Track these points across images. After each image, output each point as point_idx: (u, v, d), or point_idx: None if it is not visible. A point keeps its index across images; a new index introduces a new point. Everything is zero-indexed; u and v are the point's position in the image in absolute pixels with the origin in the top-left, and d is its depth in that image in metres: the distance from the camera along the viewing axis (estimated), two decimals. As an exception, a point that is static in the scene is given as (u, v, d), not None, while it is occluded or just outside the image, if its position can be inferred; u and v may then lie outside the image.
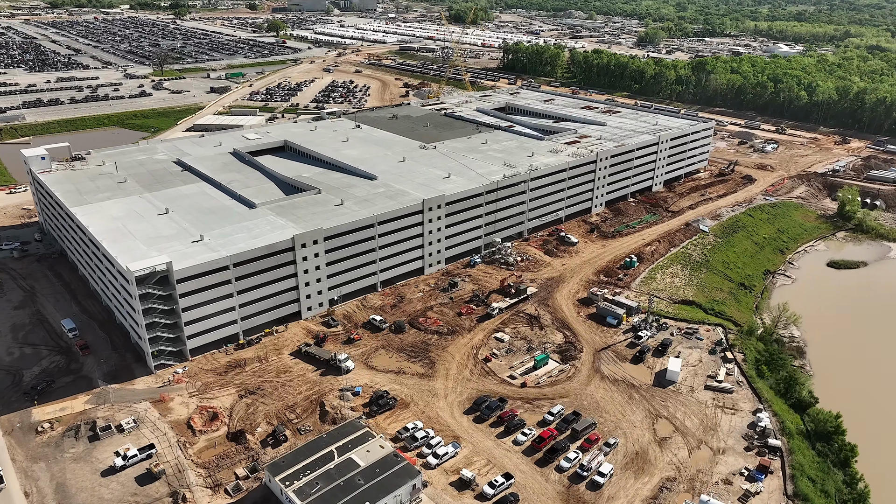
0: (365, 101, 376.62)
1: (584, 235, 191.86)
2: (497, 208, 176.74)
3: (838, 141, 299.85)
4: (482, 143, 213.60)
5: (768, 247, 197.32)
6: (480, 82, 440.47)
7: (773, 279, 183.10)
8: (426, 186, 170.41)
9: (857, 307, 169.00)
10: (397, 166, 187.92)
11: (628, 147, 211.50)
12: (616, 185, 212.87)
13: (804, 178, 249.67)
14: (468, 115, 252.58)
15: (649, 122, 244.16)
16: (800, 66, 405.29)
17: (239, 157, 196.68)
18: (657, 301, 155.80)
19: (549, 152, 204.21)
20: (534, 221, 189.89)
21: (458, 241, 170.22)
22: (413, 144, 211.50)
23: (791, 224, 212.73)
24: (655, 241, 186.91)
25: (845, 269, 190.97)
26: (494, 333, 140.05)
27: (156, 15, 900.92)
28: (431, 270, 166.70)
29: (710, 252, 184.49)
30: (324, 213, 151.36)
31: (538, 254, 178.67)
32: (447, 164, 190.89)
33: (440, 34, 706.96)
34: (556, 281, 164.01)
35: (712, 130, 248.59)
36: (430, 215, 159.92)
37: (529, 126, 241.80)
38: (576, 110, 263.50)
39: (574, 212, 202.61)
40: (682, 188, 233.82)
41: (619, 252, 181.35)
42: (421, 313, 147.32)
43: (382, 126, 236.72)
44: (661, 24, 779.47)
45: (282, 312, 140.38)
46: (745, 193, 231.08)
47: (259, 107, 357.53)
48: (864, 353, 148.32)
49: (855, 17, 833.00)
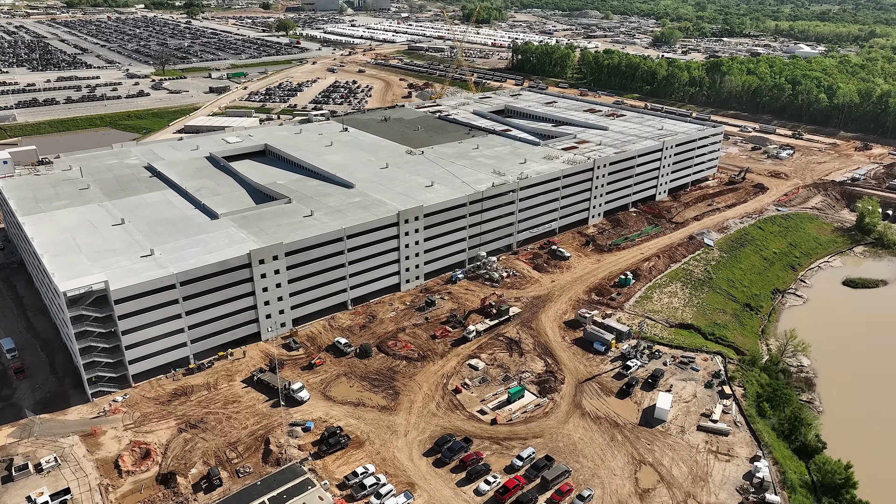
0: (365, 103, 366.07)
1: (578, 249, 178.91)
2: (482, 220, 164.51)
3: (859, 147, 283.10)
4: (473, 149, 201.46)
5: (778, 263, 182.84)
6: (486, 83, 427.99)
7: (783, 299, 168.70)
8: (405, 196, 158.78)
9: (874, 332, 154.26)
10: (379, 173, 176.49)
11: (629, 154, 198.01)
12: (615, 194, 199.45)
13: (821, 186, 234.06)
14: (463, 119, 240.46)
15: (654, 127, 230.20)
16: (820, 67, 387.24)
17: (214, 162, 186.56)
18: (651, 325, 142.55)
19: (544, 159, 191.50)
20: (524, 234, 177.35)
21: (438, 255, 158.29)
22: (400, 149, 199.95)
23: (804, 238, 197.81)
24: (655, 256, 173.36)
25: (862, 288, 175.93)
26: (469, 359, 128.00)
27: (170, 14, 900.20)
28: (409, 287, 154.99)
29: (713, 269, 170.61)
30: (290, 226, 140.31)
31: (527, 269, 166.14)
32: (433, 171, 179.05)
33: (450, 34, 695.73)
34: (542, 300, 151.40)
35: (722, 135, 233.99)
36: (407, 227, 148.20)
37: (527, 130, 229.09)
38: (578, 113, 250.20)
39: (569, 223, 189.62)
40: (688, 197, 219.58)
41: (615, 268, 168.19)
42: (392, 335, 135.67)
43: (371, 129, 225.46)
44: (679, 24, 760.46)
45: (239, 334, 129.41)
46: (755, 203, 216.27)
47: (256, 108, 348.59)
48: (881, 386, 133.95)
49: (881, 17, 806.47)
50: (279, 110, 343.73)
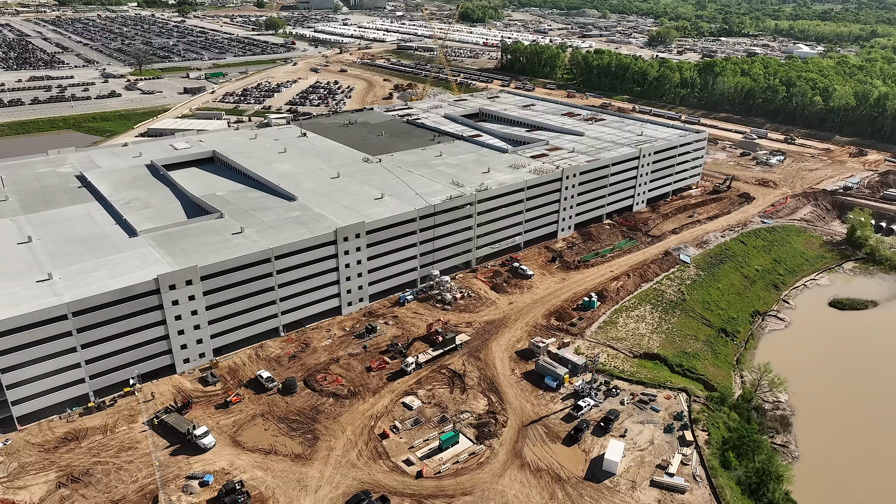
0: (344, 104, 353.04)
1: (542, 266, 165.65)
2: (435, 236, 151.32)
3: (854, 153, 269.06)
4: (436, 156, 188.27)
5: (760, 281, 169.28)
6: (472, 84, 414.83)
7: (763, 323, 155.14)
8: (350, 210, 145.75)
9: (860, 361, 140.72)
10: (328, 184, 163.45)
11: (602, 162, 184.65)
12: (587, 205, 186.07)
13: (811, 196, 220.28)
14: (432, 123, 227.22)
15: (634, 133, 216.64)
16: (817, 68, 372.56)
17: (154, 171, 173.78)
18: (612, 355, 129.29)
19: (509, 168, 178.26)
20: (484, 250, 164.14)
21: (385, 275, 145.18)
22: (357, 157, 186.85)
23: (790, 253, 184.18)
24: (625, 275, 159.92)
25: (850, 309, 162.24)
26: (405, 396, 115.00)
27: (161, 12, 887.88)
28: (351, 310, 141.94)
29: (688, 289, 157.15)
30: (214, 245, 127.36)
31: (484, 289, 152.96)
32: (387, 181, 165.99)
33: (442, 33, 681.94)
34: (496, 325, 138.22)
35: (705, 141, 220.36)
36: (347, 246, 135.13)
37: (498, 135, 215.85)
38: (555, 117, 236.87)
39: (535, 237, 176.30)
40: (667, 208, 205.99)
41: (580, 288, 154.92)
42: (323, 366, 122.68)
43: (333, 134, 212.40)
44: (676, 24, 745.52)
45: (149, 366, 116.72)
46: (739, 215, 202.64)
47: (229, 109, 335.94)
48: (865, 426, 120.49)
49: (883, 17, 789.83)
50: (252, 112, 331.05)
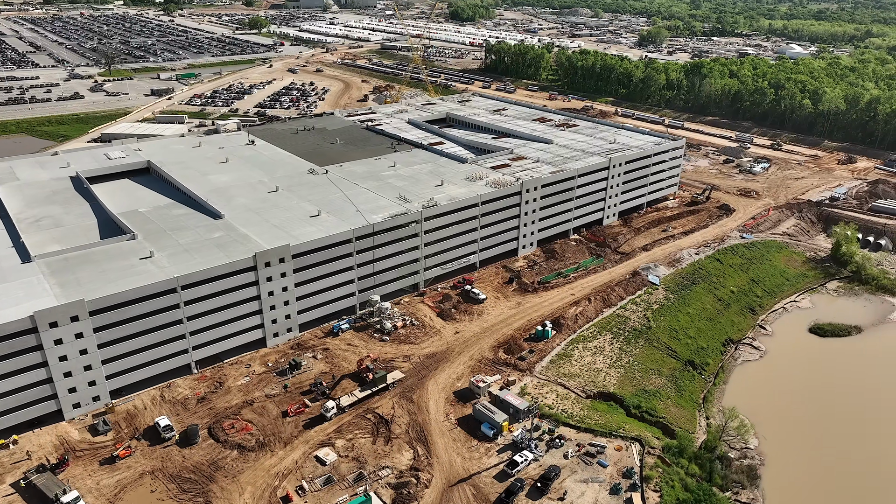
0: (316, 107, 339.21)
1: (498, 288, 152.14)
2: (376, 257, 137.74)
3: (842, 160, 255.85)
4: (389, 167, 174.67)
5: (735, 305, 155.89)
6: (452, 85, 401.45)
7: (736, 352, 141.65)
8: (279, 230, 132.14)
9: (841, 397, 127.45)
10: (263, 199, 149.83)
11: (567, 173, 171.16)
12: (551, 220, 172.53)
13: (794, 207, 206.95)
14: (392, 129, 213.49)
15: (606, 140, 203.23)
16: (808, 69, 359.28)
17: (78, 183, 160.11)
18: (562, 395, 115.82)
19: (465, 180, 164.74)
20: (433, 271, 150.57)
21: (317, 303, 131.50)
22: (303, 168, 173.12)
23: (769, 271, 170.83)
24: (586, 299, 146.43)
25: (832, 336, 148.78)
26: (320, 448, 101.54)
27: (148, 11, 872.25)
28: (277, 342, 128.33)
29: (654, 315, 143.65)
30: (115, 273, 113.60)
31: (429, 316, 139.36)
32: (328, 196, 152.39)
33: (428, 31, 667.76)
34: (438, 359, 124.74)
35: (683, 149, 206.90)
36: (269, 272, 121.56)
37: (462, 143, 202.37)
38: (525, 123, 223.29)
39: (493, 255, 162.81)
40: (641, 221, 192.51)
41: (536, 314, 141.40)
42: (234, 410, 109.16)
43: (283, 142, 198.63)
44: (669, 23, 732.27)
45: (30, 414, 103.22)
46: (717, 229, 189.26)
47: (194, 112, 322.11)
48: (846, 477, 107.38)
49: (879, 16, 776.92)
50: (218, 115, 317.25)
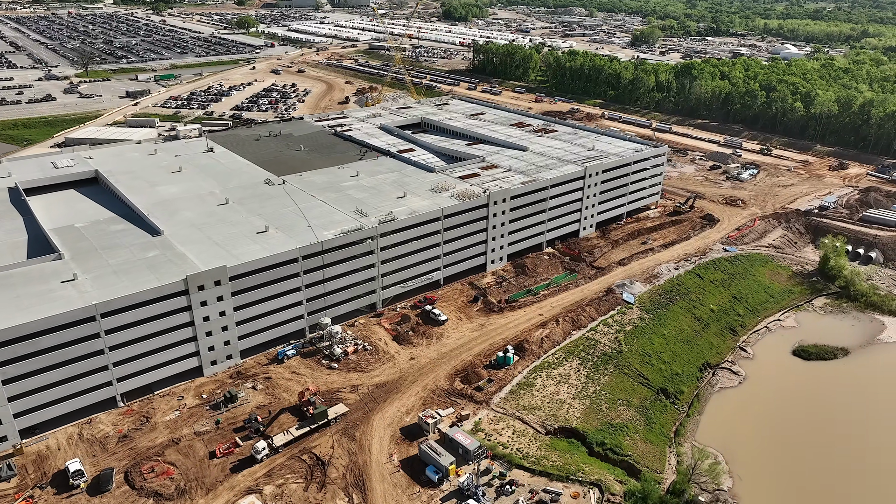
0: (294, 109, 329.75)
1: (461, 308, 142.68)
2: (326, 277, 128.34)
3: (833, 165, 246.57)
4: (351, 177, 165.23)
5: (715, 325, 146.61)
6: (437, 87, 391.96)
7: (713, 378, 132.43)
8: (221, 248, 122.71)
9: (824, 428, 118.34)
10: (210, 213, 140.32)
11: (539, 183, 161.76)
12: (523, 233, 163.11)
13: (782, 217, 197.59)
14: (361, 135, 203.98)
15: (585, 147, 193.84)
16: (801, 71, 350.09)
17: (15, 195, 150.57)
18: (520, 431, 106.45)
19: (430, 191, 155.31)
20: (392, 290, 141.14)
21: (260, 327, 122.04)
22: (259, 178, 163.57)
23: (753, 287, 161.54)
24: (554, 320, 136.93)
25: (817, 359, 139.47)
26: (245, 496, 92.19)
27: (137, 9, 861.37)
28: (216, 370, 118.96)
29: (627, 337, 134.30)
30: (29, 299, 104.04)
31: (384, 340, 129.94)
32: (281, 210, 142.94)
33: (421, 32, 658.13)
34: (388, 389, 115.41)
35: (665, 157, 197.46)
36: (204, 296, 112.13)
37: (434, 150, 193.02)
38: (502, 128, 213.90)
39: (458, 272, 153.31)
40: (619, 233, 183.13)
41: (499, 337, 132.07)
42: (158, 451, 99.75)
43: (244, 149, 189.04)
44: (663, 22, 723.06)
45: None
46: (699, 241, 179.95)
47: (168, 115, 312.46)
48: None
49: (876, 16, 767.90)
50: (192, 118, 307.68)
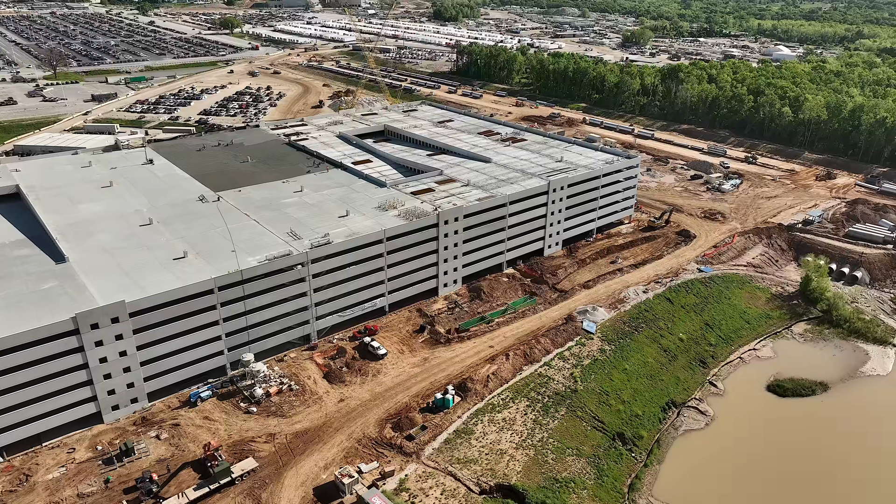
0: (265, 114, 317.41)
1: (405, 339, 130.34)
2: (248, 309, 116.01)
3: (821, 175, 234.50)
4: (294, 192, 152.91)
5: (683, 356, 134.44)
6: (417, 90, 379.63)
7: (678, 419, 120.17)
8: (128, 278, 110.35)
9: (798, 477, 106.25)
10: (128, 236, 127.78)
11: (496, 200, 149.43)
12: (479, 253, 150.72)
13: (763, 233, 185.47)
14: (317, 145, 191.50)
15: (553, 158, 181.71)
16: (791, 74, 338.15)
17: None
18: (449, 491, 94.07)
19: (377, 209, 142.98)
20: (328, 319, 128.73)
21: (170, 366, 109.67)
22: (194, 193, 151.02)
23: (727, 313, 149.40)
24: (504, 354, 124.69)
25: (793, 395, 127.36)
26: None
27: (124, 9, 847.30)
28: (118, 415, 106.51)
29: (584, 373, 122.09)
30: None
31: (314, 377, 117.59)
32: (208, 231, 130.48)
33: (408, 32, 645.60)
34: (309, 438, 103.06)
35: (638, 168, 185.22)
36: (100, 335, 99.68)
37: (391, 161, 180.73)
38: (468, 137, 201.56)
39: (406, 297, 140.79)
40: (588, 251, 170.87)
41: (443, 374, 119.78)
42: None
43: (187, 160, 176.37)
44: (656, 23, 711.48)
45: None
46: (673, 260, 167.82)
47: (132, 119, 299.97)
48: None
49: (871, 16, 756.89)
50: (156, 123, 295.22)
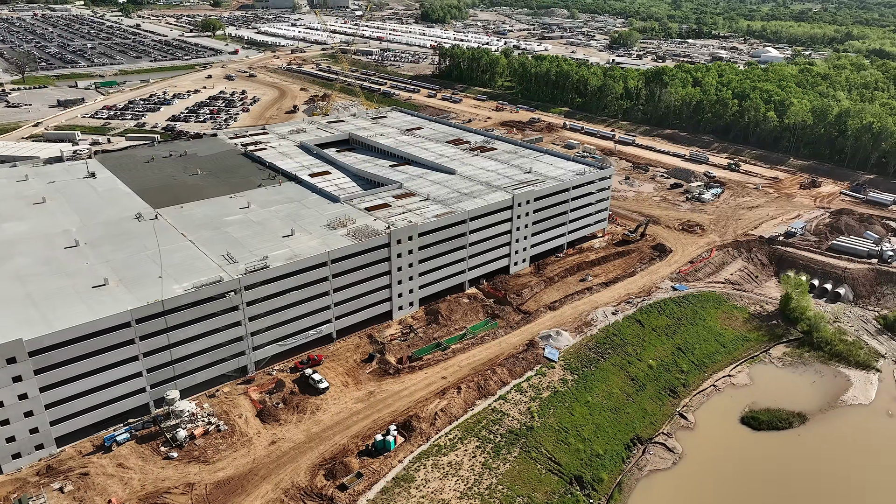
0: (235, 119, 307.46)
1: (351, 370, 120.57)
2: (173, 342, 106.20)
3: (805, 183, 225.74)
4: (240, 209, 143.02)
5: (652, 385, 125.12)
6: (395, 94, 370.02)
7: (643, 458, 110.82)
8: (37, 310, 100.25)
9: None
10: (48, 260, 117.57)
11: (456, 216, 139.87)
12: (437, 273, 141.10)
13: (743, 246, 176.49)
14: (275, 155, 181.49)
15: (522, 168, 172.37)
16: (777, 77, 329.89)
17: None
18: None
19: (325, 227, 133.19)
20: (266, 350, 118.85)
21: (82, 407, 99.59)
22: (132, 210, 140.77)
23: (702, 335, 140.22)
24: (455, 387, 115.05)
25: (769, 428, 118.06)
26: None
27: (108, 11, 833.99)
28: (20, 464, 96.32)
29: (542, 407, 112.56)
30: None
31: (247, 416, 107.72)
32: (138, 254, 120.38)
33: (393, 34, 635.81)
34: (230, 489, 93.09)
35: (611, 178, 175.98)
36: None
37: (351, 172, 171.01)
38: (434, 146, 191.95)
39: (355, 322, 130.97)
40: (557, 268, 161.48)
41: (388, 410, 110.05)
42: None
43: (133, 173, 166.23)
44: (644, 24, 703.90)
45: None
46: (646, 277, 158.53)
47: (96, 126, 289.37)
48: None
49: (861, 17, 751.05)
50: (120, 130, 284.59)
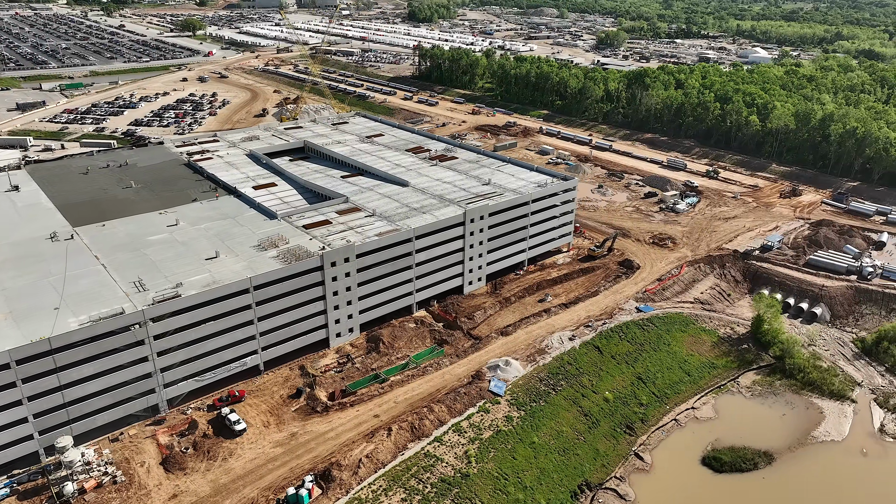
0: (201, 124, 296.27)
1: (276, 407, 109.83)
2: (65, 382, 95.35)
3: (785, 192, 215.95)
4: (167, 227, 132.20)
5: (607, 421, 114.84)
6: (371, 97, 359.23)
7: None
8: None
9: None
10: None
11: (402, 234, 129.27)
12: (380, 296, 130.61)
13: (716, 261, 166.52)
14: (220, 165, 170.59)
15: (481, 179, 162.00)
16: (761, 79, 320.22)
17: None
18: None
19: (255, 248, 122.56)
20: (180, 386, 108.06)
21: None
22: (48, 229, 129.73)
23: (665, 363, 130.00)
24: (386, 428, 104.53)
25: (732, 470, 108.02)
26: None
27: (90, 10, 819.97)
28: None
29: (481, 451, 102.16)
30: None
31: (150, 463, 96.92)
32: (40, 281, 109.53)
33: (377, 34, 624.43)
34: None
35: (576, 190, 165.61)
36: None
37: (299, 184, 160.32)
38: (392, 155, 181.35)
39: (287, 352, 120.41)
40: (514, 286, 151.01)
41: (309, 456, 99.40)
42: None
43: (62, 186, 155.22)
44: (634, 23, 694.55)
45: None
46: (609, 297, 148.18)
47: (53, 131, 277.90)
48: None
49: (852, 17, 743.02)
50: (77, 136, 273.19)
